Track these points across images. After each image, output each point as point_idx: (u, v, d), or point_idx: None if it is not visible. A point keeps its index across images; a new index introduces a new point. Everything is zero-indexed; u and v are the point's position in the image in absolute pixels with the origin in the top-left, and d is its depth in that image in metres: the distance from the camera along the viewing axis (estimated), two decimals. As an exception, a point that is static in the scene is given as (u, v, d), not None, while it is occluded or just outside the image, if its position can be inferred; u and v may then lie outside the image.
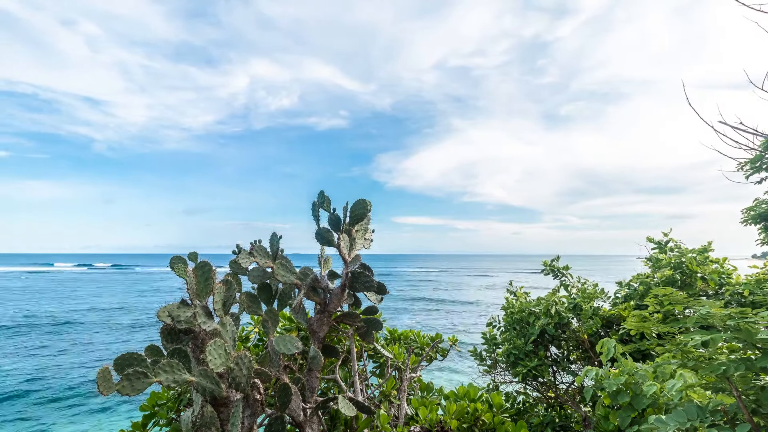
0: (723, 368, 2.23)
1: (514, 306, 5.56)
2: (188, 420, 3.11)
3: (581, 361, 5.44)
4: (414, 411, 4.57)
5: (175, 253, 3.44)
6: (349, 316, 4.30)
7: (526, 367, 5.07)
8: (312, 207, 4.13)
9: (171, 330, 3.29)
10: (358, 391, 4.51)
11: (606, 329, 5.34)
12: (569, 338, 5.36)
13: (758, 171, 4.71)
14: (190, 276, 3.27)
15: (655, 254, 5.79)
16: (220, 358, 3.01)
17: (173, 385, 2.85)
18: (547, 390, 5.47)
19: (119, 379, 2.69)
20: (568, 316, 5.10)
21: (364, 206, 4.04)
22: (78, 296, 59.19)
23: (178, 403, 4.04)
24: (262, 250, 4.00)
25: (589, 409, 4.66)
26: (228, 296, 3.41)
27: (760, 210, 5.46)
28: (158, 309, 3.14)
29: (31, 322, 38.19)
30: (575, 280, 5.84)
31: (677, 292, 3.01)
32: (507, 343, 5.47)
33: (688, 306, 2.81)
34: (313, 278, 4.14)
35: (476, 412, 4.30)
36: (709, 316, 2.34)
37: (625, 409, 3.00)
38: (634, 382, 3.01)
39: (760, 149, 4.24)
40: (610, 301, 5.64)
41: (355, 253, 4.21)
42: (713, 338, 2.22)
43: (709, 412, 2.30)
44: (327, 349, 4.44)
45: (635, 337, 4.75)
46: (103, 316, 42.67)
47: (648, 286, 5.25)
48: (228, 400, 3.27)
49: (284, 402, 3.38)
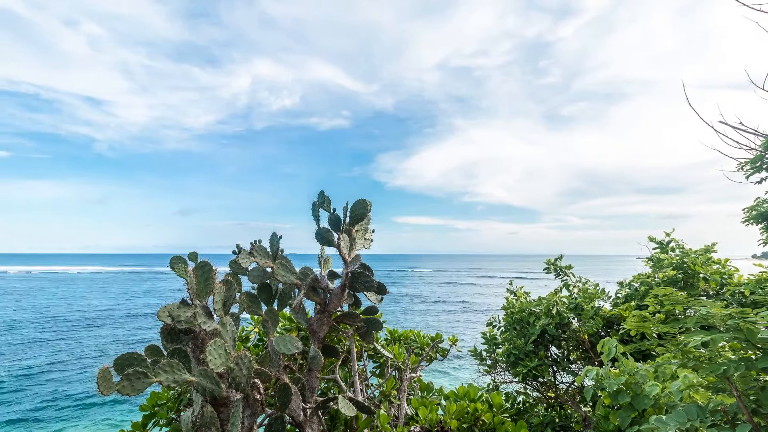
0: (723, 368, 2.23)
1: (515, 306, 5.56)
2: (188, 420, 3.11)
3: (581, 361, 5.44)
4: (414, 411, 4.57)
5: (174, 253, 3.44)
6: (349, 316, 4.30)
7: (526, 367, 5.07)
8: (312, 207, 4.13)
9: (171, 330, 3.29)
10: (358, 391, 4.51)
11: (606, 329, 5.34)
12: (569, 338, 5.35)
13: (758, 171, 4.71)
14: (190, 276, 3.27)
15: (657, 254, 5.79)
16: (220, 358, 3.00)
17: (173, 385, 2.85)
18: (547, 390, 5.46)
19: (119, 379, 2.69)
20: (568, 316, 5.10)
21: (364, 206, 4.04)
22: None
23: (178, 403, 4.04)
24: (262, 250, 4.00)
25: (589, 409, 4.65)
26: (228, 296, 3.41)
27: (761, 210, 5.45)
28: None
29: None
30: (576, 279, 5.84)
31: (677, 292, 3.01)
32: (507, 343, 5.47)
33: (689, 306, 2.80)
34: (313, 278, 4.14)
35: (476, 412, 4.29)
36: (710, 316, 2.33)
37: (626, 409, 3.00)
38: (634, 382, 3.01)
39: (761, 149, 4.24)
40: (610, 302, 5.64)
41: (355, 253, 4.21)
42: (714, 338, 2.22)
43: (709, 412, 2.30)
44: (327, 349, 4.44)
45: (636, 337, 4.74)
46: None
47: (649, 286, 5.24)
48: (228, 400, 3.27)
49: (284, 402, 3.38)
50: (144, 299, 58.50)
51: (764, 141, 4.22)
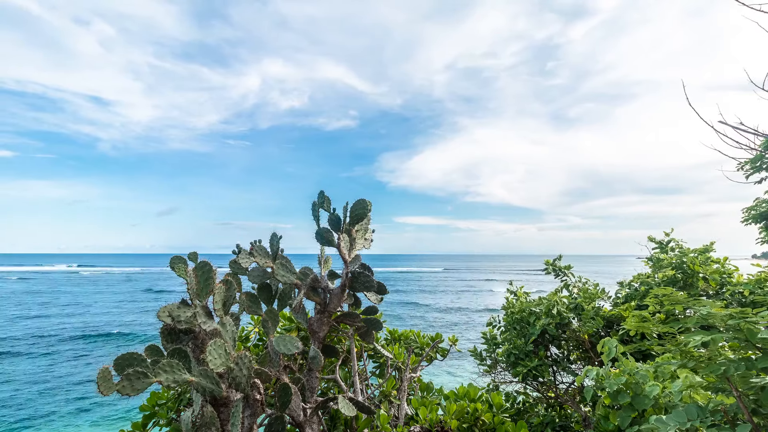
0: (723, 368, 2.23)
1: (515, 306, 5.56)
2: (188, 420, 3.11)
3: (581, 361, 5.44)
4: (414, 411, 4.56)
5: (173, 254, 3.44)
6: (349, 316, 4.30)
7: (526, 367, 5.06)
8: (312, 207, 4.14)
9: (171, 330, 3.29)
10: (358, 391, 4.51)
11: (606, 329, 5.33)
12: (569, 338, 5.35)
13: (758, 171, 4.71)
14: (190, 276, 3.27)
15: (656, 254, 5.79)
16: (220, 358, 3.01)
17: (173, 385, 2.85)
18: (547, 390, 5.46)
19: (119, 379, 2.69)
20: (569, 316, 5.10)
21: (363, 206, 4.04)
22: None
23: (178, 403, 4.04)
24: (262, 250, 4.00)
25: (589, 409, 4.65)
26: (228, 296, 3.41)
27: (761, 209, 5.45)
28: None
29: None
30: (576, 279, 5.84)
31: (677, 292, 3.01)
32: (507, 343, 5.47)
33: (689, 306, 2.80)
34: (313, 278, 4.14)
35: (476, 412, 4.29)
36: (710, 316, 2.33)
37: (626, 409, 2.99)
38: (634, 382, 3.01)
39: (761, 149, 4.24)
40: (610, 302, 5.64)
41: (355, 253, 4.21)
42: (714, 338, 2.22)
43: (709, 412, 2.30)
44: (327, 349, 4.44)
45: (636, 337, 4.74)
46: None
47: (649, 286, 5.25)
48: (228, 400, 3.27)
49: (284, 402, 3.38)
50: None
51: (764, 141, 4.23)
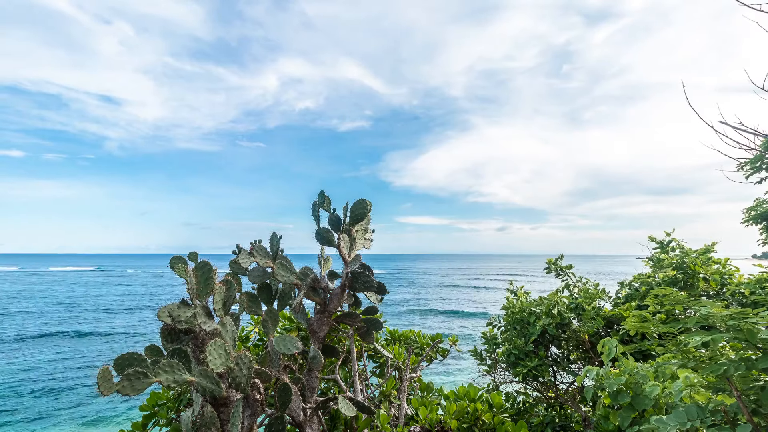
0: (723, 368, 2.23)
1: (515, 306, 5.56)
2: (188, 420, 3.11)
3: (581, 361, 5.44)
4: (414, 411, 4.56)
5: (177, 253, 3.44)
6: (349, 316, 4.30)
7: (526, 367, 5.06)
8: (312, 207, 4.14)
9: (171, 330, 3.29)
10: (358, 391, 4.51)
11: (607, 329, 5.33)
12: (570, 338, 5.35)
13: (758, 171, 4.71)
14: (190, 276, 3.28)
15: (657, 254, 5.78)
16: (220, 358, 3.01)
17: (173, 385, 2.85)
18: (547, 390, 5.46)
19: (119, 379, 2.69)
20: (569, 316, 5.09)
21: (363, 206, 4.04)
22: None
23: (178, 403, 4.04)
24: (262, 250, 4.00)
25: (589, 409, 4.65)
26: (228, 296, 3.41)
27: (761, 210, 5.45)
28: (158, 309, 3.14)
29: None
30: (576, 279, 5.84)
31: (678, 293, 3.01)
32: (507, 342, 5.47)
33: (689, 306, 2.80)
34: (313, 278, 4.13)
35: (476, 412, 4.29)
36: (710, 316, 2.33)
37: (626, 409, 2.99)
38: (634, 382, 3.01)
39: (761, 149, 4.24)
40: (611, 302, 5.64)
41: (355, 253, 4.21)
42: (714, 338, 2.22)
43: (709, 412, 2.29)
44: (327, 349, 4.44)
45: (636, 337, 4.74)
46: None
47: (650, 287, 5.24)
48: (228, 400, 3.27)
49: (284, 402, 3.38)
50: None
51: (764, 141, 4.23)
